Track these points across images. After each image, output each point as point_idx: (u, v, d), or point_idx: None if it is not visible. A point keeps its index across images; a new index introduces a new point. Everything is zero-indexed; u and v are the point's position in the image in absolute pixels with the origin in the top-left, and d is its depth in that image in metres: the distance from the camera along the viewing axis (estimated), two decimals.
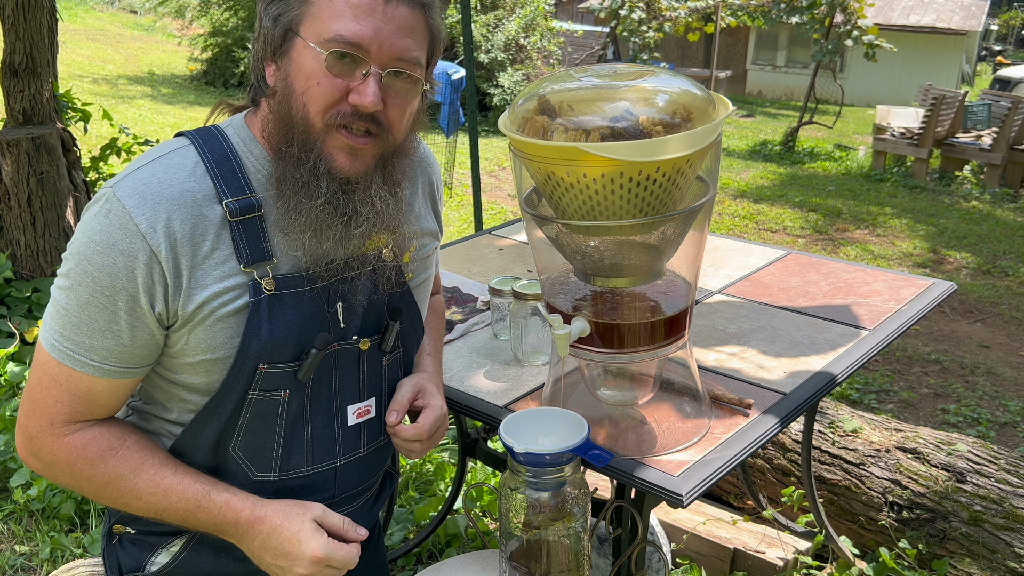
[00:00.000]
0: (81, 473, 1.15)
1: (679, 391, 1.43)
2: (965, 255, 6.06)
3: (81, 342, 1.11)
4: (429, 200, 1.40)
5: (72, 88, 5.65)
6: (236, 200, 1.14)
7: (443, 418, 1.33)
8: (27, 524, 2.45)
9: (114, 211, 1.09)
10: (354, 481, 1.34)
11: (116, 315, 1.10)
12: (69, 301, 1.11)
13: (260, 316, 1.14)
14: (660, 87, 1.17)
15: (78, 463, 1.14)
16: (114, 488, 1.15)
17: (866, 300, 1.87)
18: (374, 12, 1.08)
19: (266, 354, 1.16)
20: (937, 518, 2.18)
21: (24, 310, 3.39)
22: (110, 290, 1.09)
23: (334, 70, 1.08)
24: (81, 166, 3.64)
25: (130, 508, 1.17)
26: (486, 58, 11.08)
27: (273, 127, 1.15)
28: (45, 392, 1.14)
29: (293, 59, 1.11)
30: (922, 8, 17.40)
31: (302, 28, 1.10)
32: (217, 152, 1.16)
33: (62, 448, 1.14)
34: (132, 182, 1.11)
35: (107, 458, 1.15)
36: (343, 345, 1.23)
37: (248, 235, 1.14)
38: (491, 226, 2.69)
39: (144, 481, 1.15)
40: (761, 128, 12.65)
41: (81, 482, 1.16)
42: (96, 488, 1.16)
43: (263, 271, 1.15)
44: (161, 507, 1.15)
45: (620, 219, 1.14)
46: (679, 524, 2.26)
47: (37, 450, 1.16)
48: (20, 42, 3.47)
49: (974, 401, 3.63)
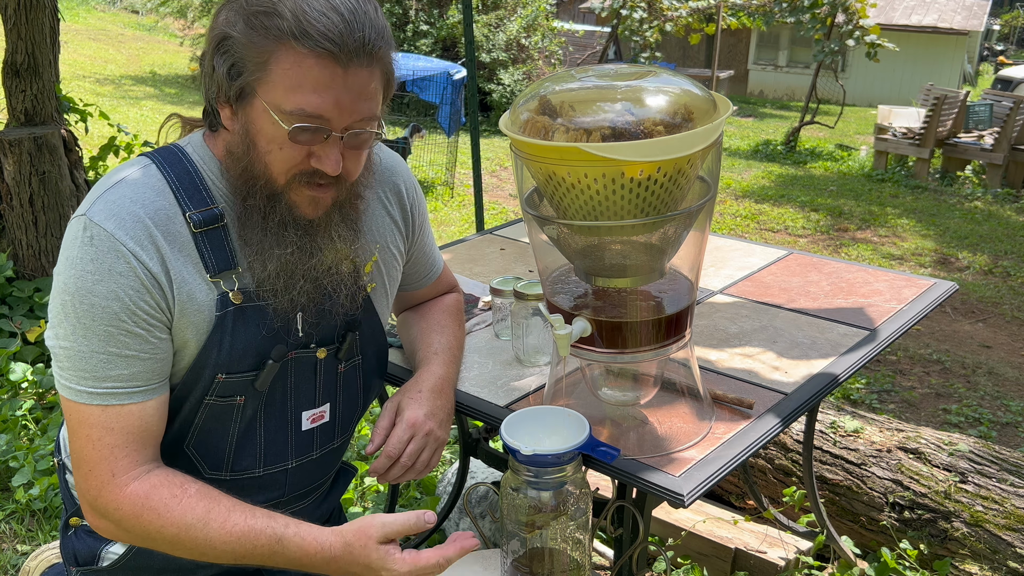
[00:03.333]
0: (151, 525, 1.12)
1: (680, 391, 1.43)
2: (967, 255, 6.05)
3: (120, 375, 1.10)
4: (397, 207, 1.42)
5: (76, 88, 5.66)
6: (199, 212, 1.15)
7: (414, 427, 1.33)
8: (29, 524, 2.45)
9: (97, 237, 1.09)
10: (304, 481, 1.37)
11: (140, 335, 1.11)
12: (89, 343, 1.09)
13: (224, 329, 1.16)
14: (661, 87, 1.17)
15: (144, 514, 1.11)
16: (187, 540, 1.12)
17: (868, 300, 1.86)
18: (333, 83, 1.07)
19: (224, 365, 1.18)
20: (938, 518, 2.17)
21: (26, 309, 3.39)
22: (126, 313, 1.09)
23: (297, 139, 1.10)
24: (83, 166, 3.65)
25: (208, 558, 1.14)
26: (488, 58, 11.08)
27: (234, 171, 1.16)
28: (98, 444, 1.11)
29: (252, 118, 1.11)
30: (924, 8, 17.38)
31: (260, 89, 1.09)
32: (178, 168, 1.17)
33: (126, 500, 1.12)
34: (104, 206, 1.11)
35: (172, 508, 1.12)
36: (301, 353, 1.26)
37: (213, 245, 1.16)
38: (492, 226, 2.69)
39: (215, 530, 1.11)
40: (762, 128, 12.64)
41: (153, 535, 1.13)
42: (169, 540, 1.13)
43: (230, 282, 1.17)
44: (238, 554, 1.13)
45: (621, 219, 1.14)
46: (680, 524, 2.26)
47: (104, 509, 1.13)
48: (22, 42, 3.47)
49: (976, 401, 3.62)
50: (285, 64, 1.06)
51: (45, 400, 3.04)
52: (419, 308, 1.58)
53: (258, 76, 1.08)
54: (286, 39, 1.05)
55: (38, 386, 3.06)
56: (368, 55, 1.09)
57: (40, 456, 2.62)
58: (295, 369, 1.26)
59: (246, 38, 1.07)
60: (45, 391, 3.06)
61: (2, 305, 3.39)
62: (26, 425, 2.84)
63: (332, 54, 1.06)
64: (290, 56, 1.06)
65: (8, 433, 2.77)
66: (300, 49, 1.05)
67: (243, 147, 1.13)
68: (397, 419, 1.35)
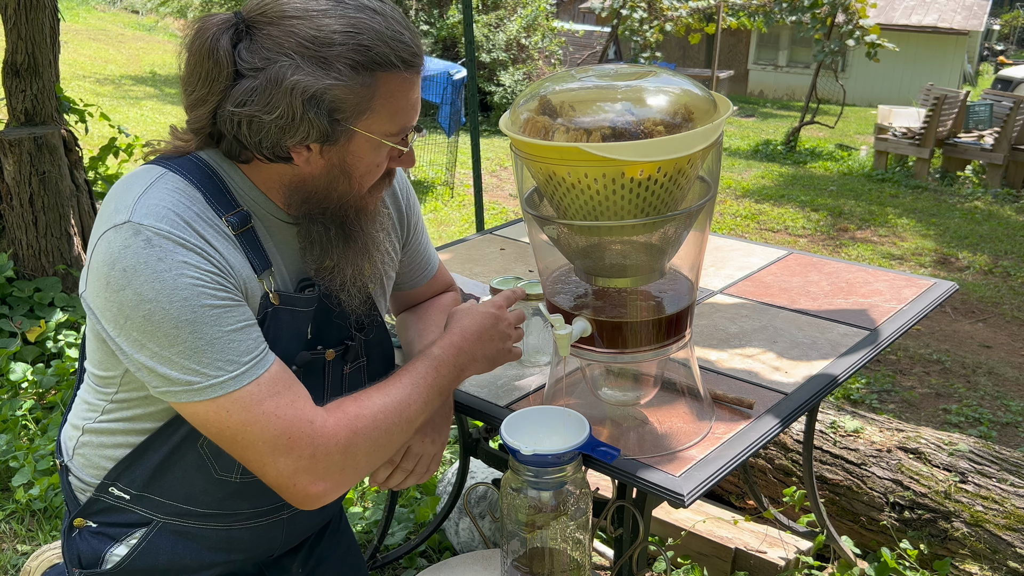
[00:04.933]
0: (362, 427, 1.12)
1: (680, 391, 1.43)
2: (967, 255, 6.05)
3: (249, 346, 1.07)
4: (392, 206, 1.45)
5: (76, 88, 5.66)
6: (233, 214, 1.14)
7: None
8: (29, 524, 2.45)
9: (155, 237, 1.04)
10: None
11: (240, 305, 1.09)
12: (202, 335, 1.04)
13: (264, 330, 1.16)
14: (661, 87, 1.17)
15: (357, 424, 1.12)
16: (393, 416, 1.16)
17: (868, 300, 1.86)
18: (415, 90, 1.16)
19: None
20: (939, 518, 2.17)
21: (26, 309, 3.39)
22: (214, 288, 1.06)
23: (409, 154, 1.20)
24: (83, 166, 3.65)
25: (415, 423, 1.20)
26: (488, 58, 11.08)
27: (300, 197, 1.18)
28: (281, 413, 1.08)
29: (351, 150, 1.14)
30: (924, 8, 17.38)
31: (362, 124, 1.12)
32: (198, 173, 1.14)
33: (340, 429, 1.11)
34: (145, 210, 1.06)
35: (366, 405, 1.15)
36: (310, 355, 1.26)
37: (251, 246, 1.16)
38: (492, 226, 2.69)
39: (395, 396, 1.17)
40: (763, 128, 12.64)
41: (375, 436, 1.14)
42: (387, 429, 1.15)
43: (269, 282, 1.17)
44: (423, 400, 1.20)
45: (621, 219, 1.14)
46: (680, 524, 2.26)
47: (325, 455, 1.09)
48: (22, 42, 3.47)
49: (976, 401, 3.62)
50: (386, 92, 1.11)
51: (45, 400, 3.04)
52: (416, 308, 1.59)
53: (362, 109, 1.11)
54: (390, 65, 1.10)
55: (38, 386, 3.06)
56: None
57: (40, 456, 2.62)
58: (304, 371, 1.26)
59: (348, 82, 1.07)
60: (45, 391, 3.06)
61: (2, 305, 3.39)
62: (26, 425, 2.84)
63: (415, 68, 1.13)
64: (389, 83, 1.11)
65: (8, 433, 2.77)
66: (399, 75, 1.11)
67: (331, 180, 1.16)
68: None
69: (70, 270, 3.53)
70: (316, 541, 1.52)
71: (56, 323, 3.34)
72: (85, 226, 3.60)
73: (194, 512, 1.27)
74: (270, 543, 1.39)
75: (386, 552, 2.26)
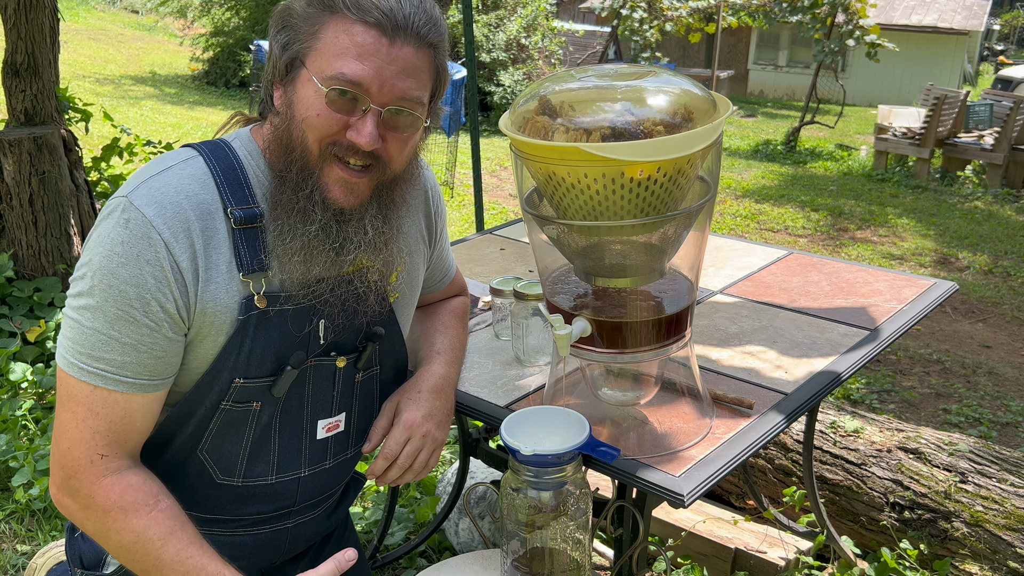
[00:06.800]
0: (113, 523, 1.11)
1: (680, 391, 1.43)
2: (967, 255, 6.05)
3: (113, 360, 1.09)
4: (423, 213, 1.42)
5: (75, 88, 5.66)
6: (240, 209, 1.15)
7: (411, 428, 1.33)
8: (28, 524, 2.45)
9: (134, 220, 1.08)
10: (316, 491, 1.36)
11: (147, 327, 1.10)
12: (95, 320, 1.08)
13: (245, 333, 1.15)
14: (661, 87, 1.17)
15: (113, 511, 1.11)
16: (140, 551, 1.11)
17: (868, 300, 1.86)
18: (378, 53, 1.10)
19: (243, 369, 1.17)
20: (939, 518, 2.17)
21: (26, 309, 3.39)
22: (139, 302, 1.08)
23: (334, 105, 1.11)
24: (83, 166, 3.65)
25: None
26: (488, 58, 11.08)
27: (274, 147, 1.17)
28: (81, 424, 1.10)
29: (297, 88, 1.13)
30: (924, 8, 17.38)
31: (308, 60, 1.12)
32: (223, 162, 1.17)
33: (101, 490, 1.11)
34: (148, 191, 1.10)
35: (140, 513, 1.11)
36: (320, 361, 1.25)
37: (249, 244, 1.16)
38: (492, 226, 2.69)
39: (170, 554, 1.11)
40: (763, 128, 12.64)
41: (110, 533, 1.12)
42: (122, 544, 1.12)
43: (258, 284, 1.16)
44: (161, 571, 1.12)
45: (621, 219, 1.14)
46: (680, 524, 2.26)
47: (75, 489, 1.12)
48: (22, 42, 3.47)
49: (976, 401, 3.62)
50: (334, 32, 1.09)
51: (45, 400, 3.04)
52: (425, 309, 1.59)
53: (308, 45, 1.11)
54: (339, 9, 1.09)
55: (38, 386, 3.06)
56: (416, 35, 1.11)
57: (40, 456, 2.62)
58: (313, 377, 1.25)
59: (303, 11, 1.12)
60: (45, 391, 3.06)
61: (2, 305, 3.39)
62: (26, 425, 2.84)
63: (379, 24, 1.09)
64: (340, 24, 1.09)
65: (8, 433, 2.77)
66: (350, 17, 1.09)
67: (285, 121, 1.15)
68: (395, 419, 1.34)
69: (70, 270, 3.53)
70: (320, 548, 1.51)
71: (56, 323, 3.34)
72: (85, 226, 3.60)
73: (196, 518, 1.26)
74: (273, 550, 1.39)
75: (386, 552, 2.26)
